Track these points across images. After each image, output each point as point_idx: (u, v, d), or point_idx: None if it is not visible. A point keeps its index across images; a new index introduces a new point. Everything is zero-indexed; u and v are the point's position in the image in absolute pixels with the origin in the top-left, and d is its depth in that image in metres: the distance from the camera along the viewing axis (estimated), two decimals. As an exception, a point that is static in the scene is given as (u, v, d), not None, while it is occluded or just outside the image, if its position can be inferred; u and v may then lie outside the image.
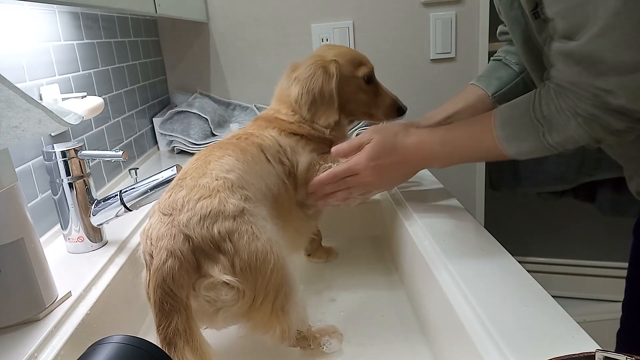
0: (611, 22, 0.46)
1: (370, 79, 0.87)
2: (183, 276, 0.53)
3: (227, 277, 0.55)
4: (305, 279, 0.90)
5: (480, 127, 0.68)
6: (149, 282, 0.54)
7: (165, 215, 0.57)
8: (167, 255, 0.53)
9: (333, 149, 0.81)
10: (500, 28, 0.92)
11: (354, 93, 0.85)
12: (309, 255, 0.95)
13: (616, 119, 0.54)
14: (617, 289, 0.86)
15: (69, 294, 0.62)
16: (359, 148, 0.78)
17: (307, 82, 0.81)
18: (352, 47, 1.56)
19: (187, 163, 0.69)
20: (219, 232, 0.56)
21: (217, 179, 0.62)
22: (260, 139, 0.77)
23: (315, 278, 0.90)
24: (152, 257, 0.55)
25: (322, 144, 0.84)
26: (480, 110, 0.87)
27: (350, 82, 0.85)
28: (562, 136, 0.59)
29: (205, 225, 0.56)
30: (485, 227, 0.73)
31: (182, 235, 0.55)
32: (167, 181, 0.71)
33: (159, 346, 0.47)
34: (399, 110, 0.89)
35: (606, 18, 0.46)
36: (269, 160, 0.75)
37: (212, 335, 0.70)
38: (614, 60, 0.49)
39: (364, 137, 0.78)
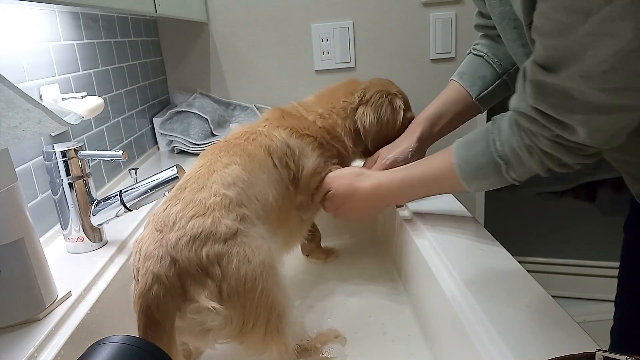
0: (599, 67, 0.45)
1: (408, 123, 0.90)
2: (168, 303, 0.53)
3: (212, 304, 0.54)
4: (306, 280, 0.90)
5: (440, 167, 0.70)
6: (135, 302, 0.54)
7: (157, 230, 0.57)
8: (152, 279, 0.53)
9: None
10: (477, 20, 0.89)
11: (398, 131, 0.89)
12: (307, 255, 0.95)
13: (567, 155, 0.56)
14: (617, 289, 0.86)
15: (69, 294, 0.62)
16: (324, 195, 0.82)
17: (377, 110, 0.86)
18: (351, 47, 1.56)
19: (192, 168, 0.68)
20: (207, 256, 0.55)
21: (215, 195, 0.60)
22: (269, 139, 0.76)
23: (315, 279, 0.90)
24: (139, 272, 0.54)
25: (331, 150, 0.84)
26: (465, 111, 0.87)
27: (400, 119, 0.89)
28: (522, 170, 0.61)
29: (194, 248, 0.55)
30: (485, 227, 0.73)
31: (169, 258, 0.54)
32: (167, 181, 0.71)
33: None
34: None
35: (596, 61, 0.44)
36: (275, 165, 0.74)
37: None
38: (585, 100, 0.48)
39: (325, 186, 0.81)
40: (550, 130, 0.54)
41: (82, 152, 0.72)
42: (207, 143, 1.34)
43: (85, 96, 0.88)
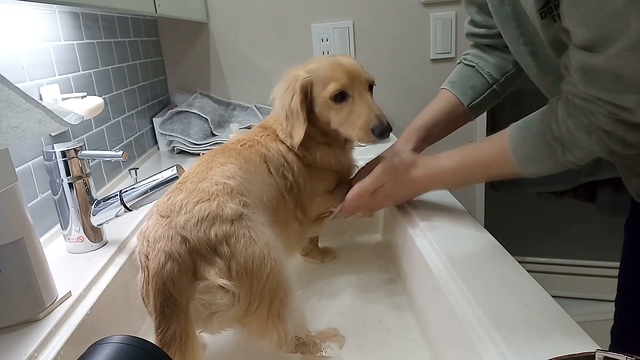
0: None
1: (341, 97, 0.76)
2: (182, 280, 0.53)
3: (222, 281, 0.55)
4: (303, 281, 0.89)
5: (494, 151, 0.68)
6: (147, 285, 0.54)
7: (163, 217, 0.57)
8: (165, 257, 0.53)
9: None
10: (468, 28, 0.89)
11: (325, 113, 0.79)
12: (304, 256, 0.95)
13: (631, 133, 0.53)
14: (617, 289, 0.86)
15: (69, 294, 0.62)
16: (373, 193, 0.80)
17: (281, 99, 0.79)
18: (351, 47, 1.56)
19: (189, 168, 0.69)
20: (216, 235, 0.56)
21: (216, 184, 0.61)
22: (266, 149, 0.76)
23: (314, 279, 0.90)
24: (147, 258, 0.55)
25: (328, 172, 0.84)
26: (457, 119, 0.88)
27: (318, 102, 0.78)
28: (580, 153, 0.58)
29: (202, 228, 0.56)
30: (485, 227, 0.73)
31: (179, 237, 0.55)
32: (167, 181, 0.71)
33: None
34: (373, 131, 0.75)
35: None
36: (270, 172, 0.74)
37: (212, 339, 0.70)
38: (638, 79, 0.47)
39: (377, 181, 0.78)
40: (607, 112, 0.52)
41: (82, 152, 0.72)
42: (207, 143, 1.34)
43: (85, 96, 0.89)
